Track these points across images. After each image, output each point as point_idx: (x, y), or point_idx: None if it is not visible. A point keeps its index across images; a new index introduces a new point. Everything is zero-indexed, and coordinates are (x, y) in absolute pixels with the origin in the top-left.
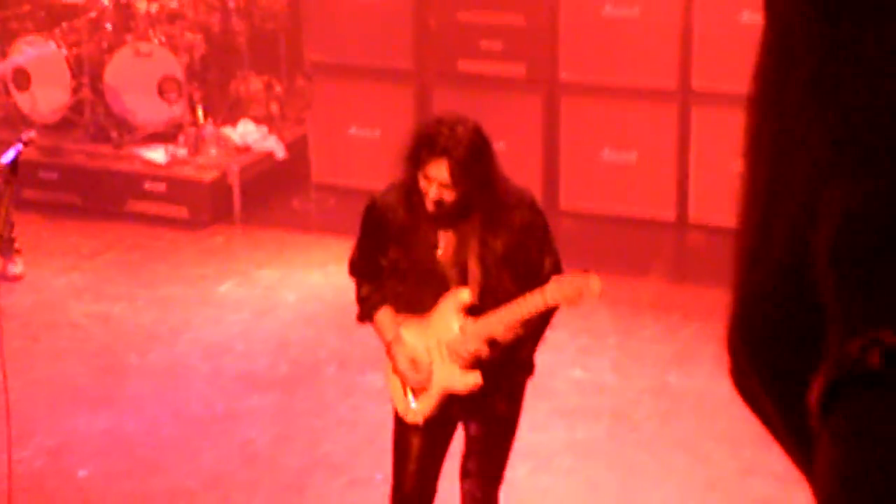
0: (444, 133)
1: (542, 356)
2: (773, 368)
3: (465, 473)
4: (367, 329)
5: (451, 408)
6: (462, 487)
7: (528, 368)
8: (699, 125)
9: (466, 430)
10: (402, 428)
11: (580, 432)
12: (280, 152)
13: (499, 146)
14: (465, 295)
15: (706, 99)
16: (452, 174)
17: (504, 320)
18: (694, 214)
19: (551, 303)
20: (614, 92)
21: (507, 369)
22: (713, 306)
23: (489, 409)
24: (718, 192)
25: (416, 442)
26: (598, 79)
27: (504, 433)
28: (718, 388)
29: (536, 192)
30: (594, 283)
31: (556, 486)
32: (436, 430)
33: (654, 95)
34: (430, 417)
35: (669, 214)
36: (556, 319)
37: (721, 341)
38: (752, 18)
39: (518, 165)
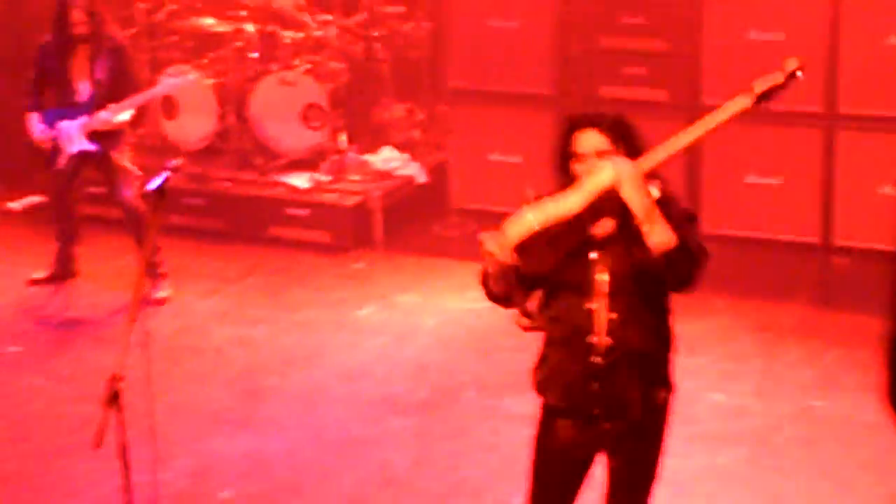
0: (588, 113)
1: (684, 381)
2: None
3: None
4: (506, 353)
5: (594, 434)
6: None
7: (667, 385)
8: (845, 148)
9: (609, 463)
10: (541, 456)
11: (721, 458)
12: (421, 178)
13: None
14: None
15: (852, 122)
16: (607, 136)
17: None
18: (839, 238)
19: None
20: (758, 116)
21: (647, 386)
22: (857, 331)
23: (633, 434)
24: (863, 216)
25: (554, 470)
26: None
27: (648, 462)
28: (862, 414)
29: None
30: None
31: None
32: (575, 460)
33: (800, 119)
34: (571, 442)
35: (814, 238)
36: (698, 344)
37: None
38: None
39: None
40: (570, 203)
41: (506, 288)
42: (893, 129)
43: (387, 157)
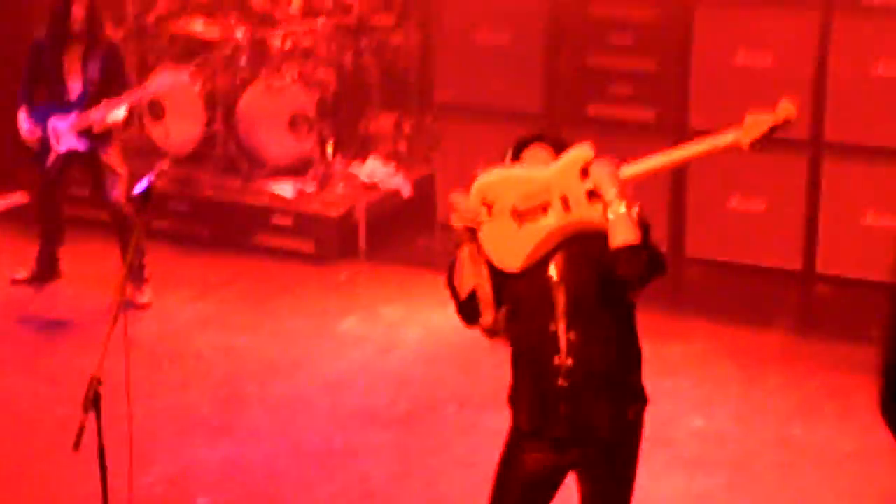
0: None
1: (662, 404)
2: None
3: None
4: (488, 369)
5: (561, 458)
6: None
7: (640, 397)
8: (830, 176)
9: (580, 485)
10: (503, 476)
11: (699, 483)
12: (406, 190)
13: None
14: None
15: (838, 150)
16: (553, 152)
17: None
18: (821, 265)
19: (746, 140)
20: None
21: (615, 405)
22: (838, 360)
23: (603, 455)
24: (847, 244)
25: (515, 493)
26: (727, 126)
27: (620, 482)
28: (841, 442)
29: (662, 239)
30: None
31: None
32: (539, 482)
33: (785, 145)
34: (537, 466)
35: (796, 265)
36: (678, 368)
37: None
38: (887, 70)
39: (643, 210)
40: (540, 172)
41: (474, 284)
42: (879, 159)
43: (373, 169)
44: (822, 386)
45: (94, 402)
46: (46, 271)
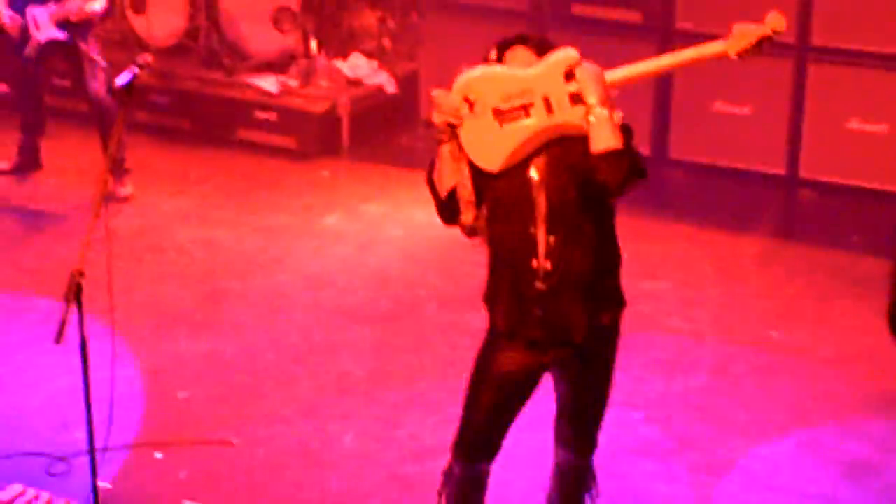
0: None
1: (642, 305)
2: None
3: (557, 437)
4: (469, 268)
5: (537, 359)
6: (555, 452)
7: (617, 302)
8: (815, 81)
9: (556, 387)
10: (479, 375)
11: (677, 384)
12: (390, 87)
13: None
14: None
15: (824, 55)
16: (534, 53)
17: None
18: (805, 170)
19: (733, 50)
20: None
21: (592, 309)
22: (819, 265)
23: (579, 358)
24: (831, 150)
25: (491, 392)
26: (712, 29)
27: (596, 386)
28: (820, 347)
29: (645, 140)
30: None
31: (651, 436)
32: (514, 383)
33: (771, 49)
34: (513, 366)
35: (780, 169)
36: (659, 270)
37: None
38: None
39: (628, 112)
40: (524, 73)
41: (454, 182)
42: (865, 63)
43: (356, 65)
44: (802, 291)
45: (75, 294)
46: (28, 162)
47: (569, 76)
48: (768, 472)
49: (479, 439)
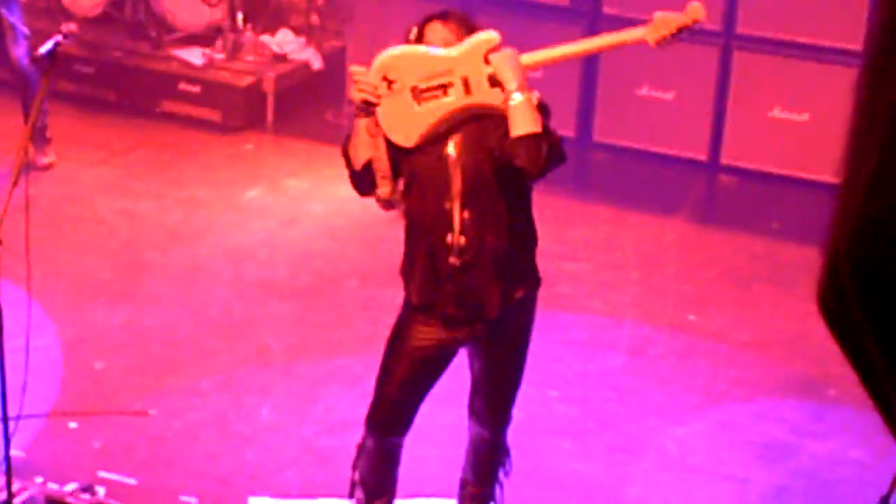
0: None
1: (562, 288)
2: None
3: (472, 412)
4: (390, 245)
5: (450, 334)
6: (470, 428)
7: (532, 279)
8: (739, 68)
9: (471, 362)
10: (393, 349)
11: (594, 365)
12: (317, 63)
13: (535, 75)
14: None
15: (748, 43)
16: (453, 30)
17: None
18: (726, 157)
19: (652, 38)
20: None
21: (505, 285)
22: (738, 250)
23: (492, 333)
24: (752, 137)
25: (404, 366)
26: (637, 14)
27: (510, 362)
28: (737, 331)
29: (570, 122)
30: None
31: (568, 415)
32: (427, 358)
33: (697, 36)
34: (426, 341)
35: (702, 155)
36: (580, 252)
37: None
38: None
39: (553, 93)
40: (444, 52)
41: (370, 156)
42: (789, 52)
43: (283, 40)
44: (721, 275)
45: None
46: None
47: (488, 59)
48: (683, 452)
49: (391, 413)
